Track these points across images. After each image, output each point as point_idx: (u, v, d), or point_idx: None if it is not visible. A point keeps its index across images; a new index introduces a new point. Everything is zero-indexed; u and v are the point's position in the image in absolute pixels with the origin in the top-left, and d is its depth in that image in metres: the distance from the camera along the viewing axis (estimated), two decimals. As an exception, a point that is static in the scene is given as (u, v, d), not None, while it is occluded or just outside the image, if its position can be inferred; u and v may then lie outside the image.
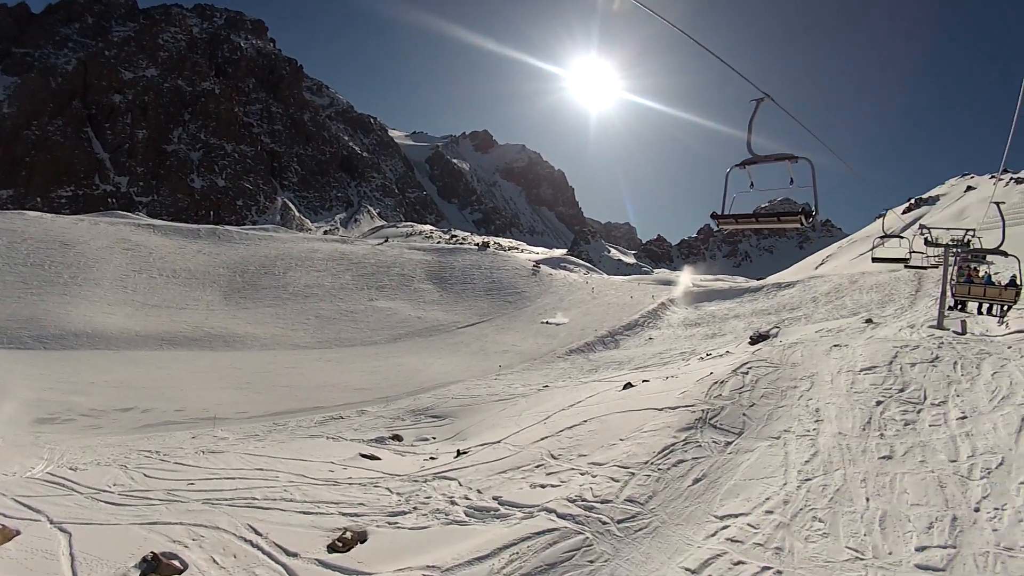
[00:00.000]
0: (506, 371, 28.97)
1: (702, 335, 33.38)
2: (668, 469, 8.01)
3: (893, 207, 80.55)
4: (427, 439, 16.14)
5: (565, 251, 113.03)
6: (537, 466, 9.03)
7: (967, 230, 17.41)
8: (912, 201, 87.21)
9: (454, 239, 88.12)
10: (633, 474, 7.86)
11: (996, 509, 6.43)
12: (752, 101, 7.31)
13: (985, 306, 17.12)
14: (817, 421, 9.45)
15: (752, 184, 7.49)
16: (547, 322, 38.93)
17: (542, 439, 10.50)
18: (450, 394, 23.44)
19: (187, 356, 32.97)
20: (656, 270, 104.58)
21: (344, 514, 7.89)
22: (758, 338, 24.39)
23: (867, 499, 6.98)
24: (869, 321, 21.58)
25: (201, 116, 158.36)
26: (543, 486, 8.02)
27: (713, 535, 6.54)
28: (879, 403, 9.74)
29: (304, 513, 8.05)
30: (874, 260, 18.68)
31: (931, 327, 16.58)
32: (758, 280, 54.99)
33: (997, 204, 16.71)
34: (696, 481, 7.75)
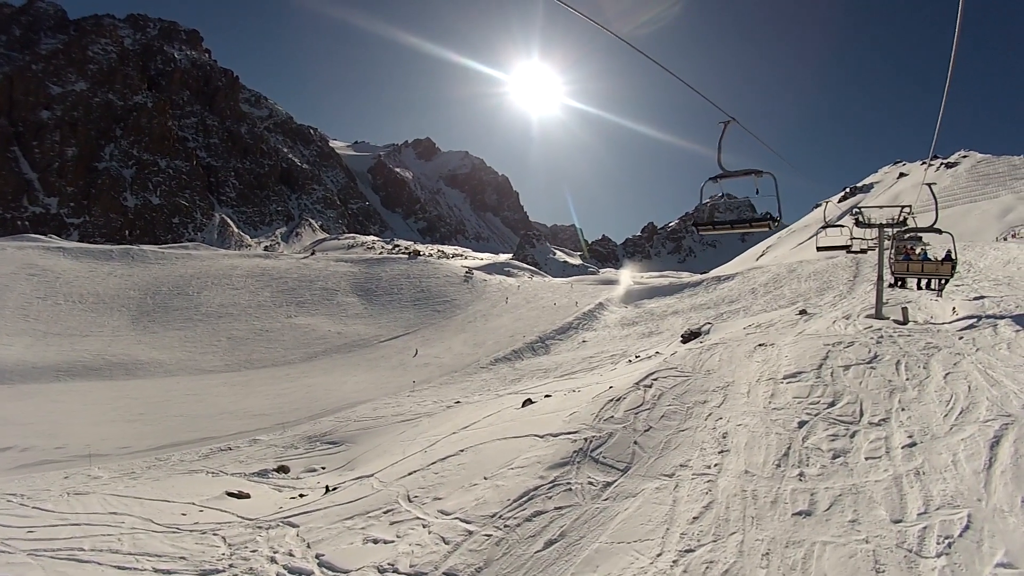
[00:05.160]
0: (422, 386, 26.86)
1: (638, 334, 31.64)
2: (518, 525, 6.34)
3: (829, 197, 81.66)
4: (315, 469, 15.48)
5: (510, 256, 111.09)
6: (386, 512, 7.93)
7: (902, 207, 16.31)
8: (847, 190, 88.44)
9: (396, 249, 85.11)
10: (471, 533, 6.40)
11: (964, 620, 4.01)
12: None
13: (923, 281, 17.47)
14: (722, 452, 7.37)
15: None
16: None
17: (411, 473, 9.45)
18: (354, 416, 22.40)
19: (83, 387, 30.72)
20: (602, 270, 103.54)
21: (157, 571, 7.37)
22: (689, 336, 22.49)
23: (767, 590, 4.57)
24: (803, 312, 19.78)
25: (133, 131, 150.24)
26: (375, 542, 7.01)
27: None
28: (802, 424, 7.52)
29: (119, 568, 7.51)
30: (819, 249, 18.80)
31: (868, 316, 14.93)
32: (702, 274, 53.88)
33: (929, 186, 16.61)
34: (549, 544, 5.96)
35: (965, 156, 72.70)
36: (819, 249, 18.78)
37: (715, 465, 6.95)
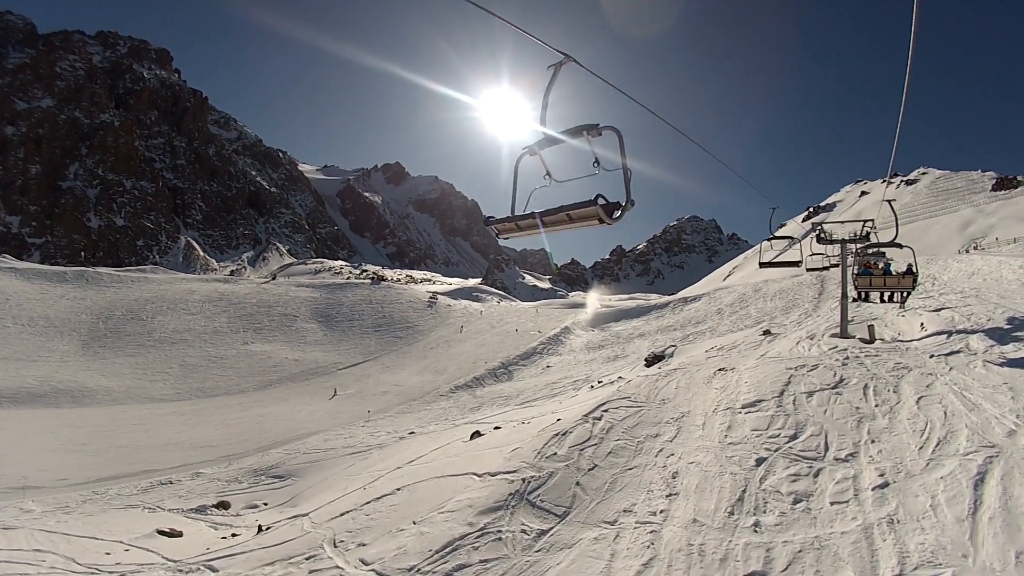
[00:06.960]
0: (378, 416, 25.73)
1: (604, 358, 30.91)
2: (435, 583, 5.53)
3: (793, 216, 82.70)
4: (257, 505, 14.72)
5: (479, 280, 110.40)
6: (308, 558, 7.32)
7: (864, 221, 16.40)
8: (810, 209, 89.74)
9: (364, 274, 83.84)
10: (382, 590, 5.72)
11: None
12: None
13: (886, 294, 17.35)
14: (670, 495, 6.49)
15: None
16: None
17: (343, 514, 8.77)
18: (304, 448, 21.38)
19: (26, 415, 28.88)
20: (571, 293, 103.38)
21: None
22: (653, 359, 21.76)
23: None
24: (767, 333, 19.25)
25: (99, 150, 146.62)
26: (288, 594, 6.29)
27: None
28: (760, 461, 6.68)
29: (26, 611, 6.87)
30: (761, 265, 18.00)
31: (833, 336, 14.45)
32: (670, 296, 53.76)
33: (889, 202, 16.51)
34: (467, 605, 5.23)
35: (924, 173, 74.65)
36: (761, 265, 18.03)
37: (661, 512, 6.09)
